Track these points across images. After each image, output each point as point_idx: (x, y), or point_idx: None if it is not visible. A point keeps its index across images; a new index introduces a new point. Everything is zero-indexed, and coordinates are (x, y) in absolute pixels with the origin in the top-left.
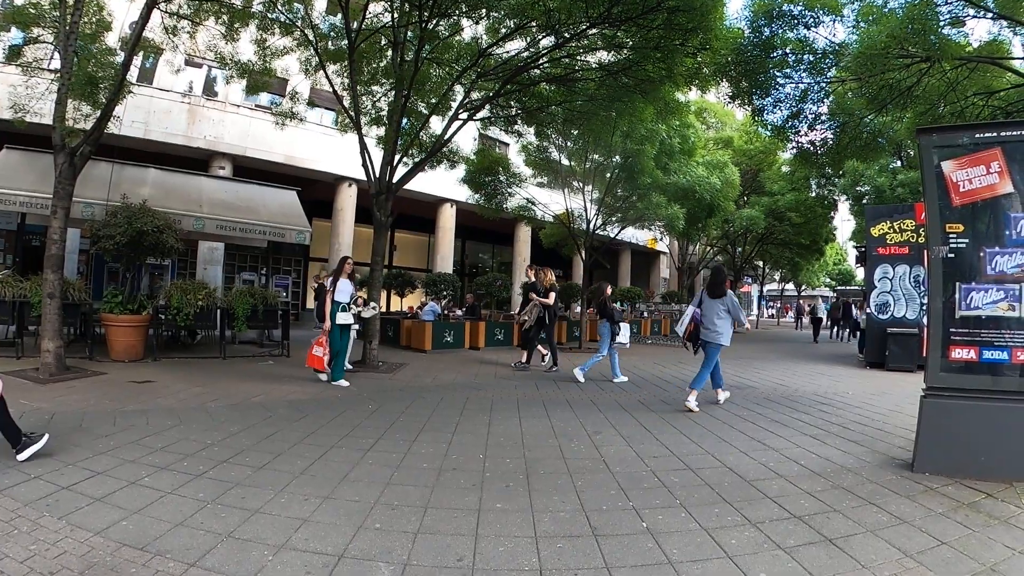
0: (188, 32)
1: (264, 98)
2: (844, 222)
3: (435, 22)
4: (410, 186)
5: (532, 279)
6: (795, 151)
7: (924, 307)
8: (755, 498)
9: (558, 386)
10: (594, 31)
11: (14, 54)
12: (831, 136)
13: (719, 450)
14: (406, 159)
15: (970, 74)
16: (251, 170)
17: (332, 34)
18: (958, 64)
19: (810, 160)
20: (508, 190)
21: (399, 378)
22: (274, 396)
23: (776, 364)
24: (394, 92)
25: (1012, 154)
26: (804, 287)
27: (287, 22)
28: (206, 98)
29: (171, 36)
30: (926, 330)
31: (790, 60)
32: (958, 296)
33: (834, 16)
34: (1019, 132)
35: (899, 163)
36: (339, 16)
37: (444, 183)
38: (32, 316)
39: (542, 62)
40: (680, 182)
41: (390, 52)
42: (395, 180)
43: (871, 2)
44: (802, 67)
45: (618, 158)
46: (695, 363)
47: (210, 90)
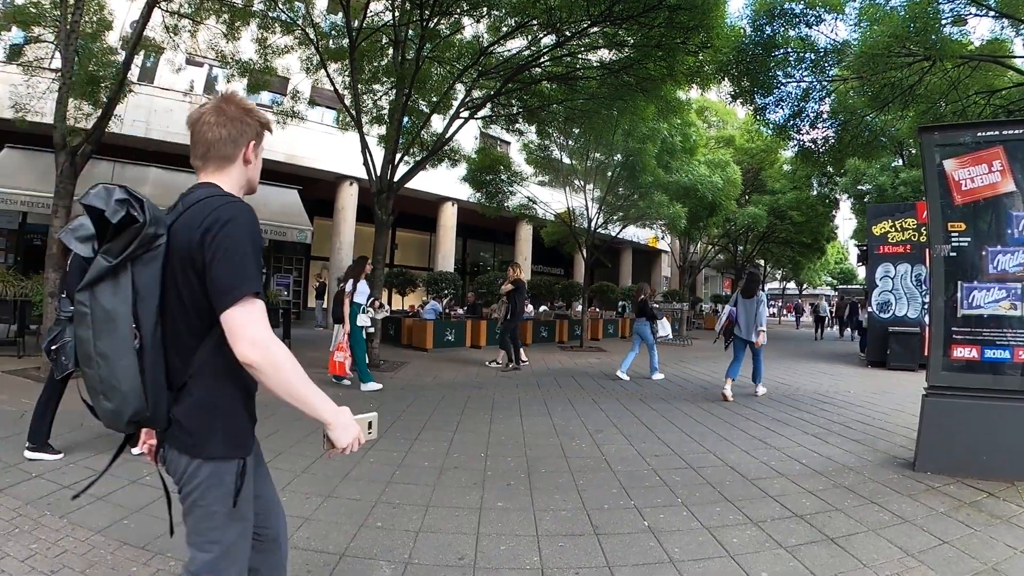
0: (189, 31)
1: (265, 97)
2: (845, 221)
3: (436, 21)
4: (411, 185)
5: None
6: (797, 150)
7: (926, 306)
8: (756, 497)
9: (559, 385)
10: (595, 29)
11: (15, 53)
12: (833, 135)
13: (720, 449)
14: (407, 158)
15: (972, 73)
16: None
17: (333, 33)
18: (960, 63)
19: (812, 159)
20: (509, 189)
21: (400, 377)
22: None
23: (777, 363)
24: (395, 91)
25: (1014, 153)
26: (805, 286)
27: (288, 21)
28: (207, 97)
29: (172, 35)
30: (928, 329)
31: (792, 59)
32: (960, 295)
33: (836, 14)
34: (1021, 131)
35: (901, 162)
36: (340, 15)
37: (445, 182)
38: (34, 315)
39: (543, 60)
40: (682, 180)
41: (391, 51)
42: (396, 179)
43: (873, 0)
44: (804, 66)
45: (619, 156)
46: (694, 363)
47: (211, 89)
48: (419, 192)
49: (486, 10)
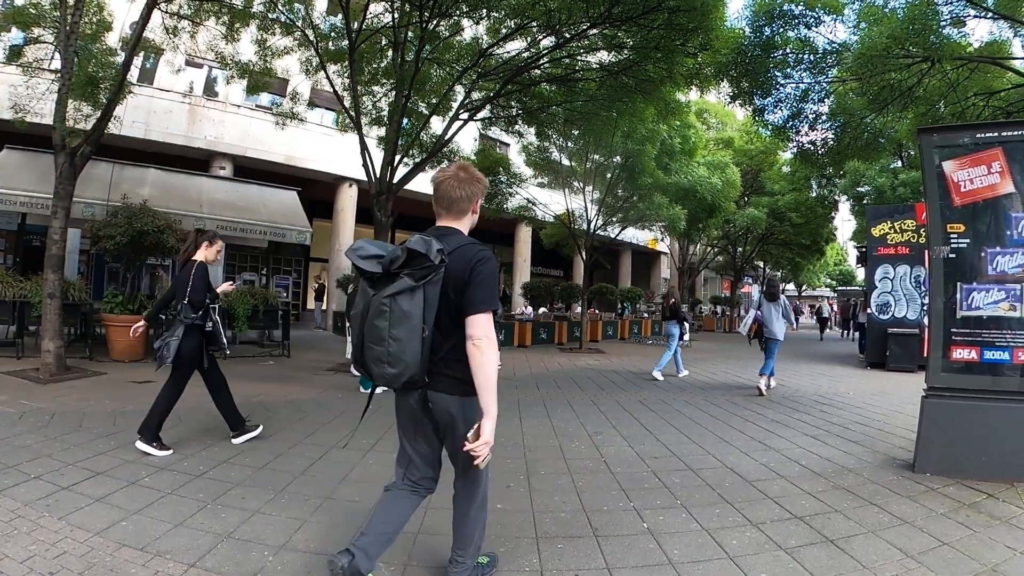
0: (189, 32)
1: (264, 98)
2: (845, 222)
3: (436, 22)
4: (411, 186)
5: None
6: (796, 151)
7: (925, 307)
8: (756, 499)
9: (558, 386)
10: (595, 31)
11: (15, 54)
12: (832, 136)
13: (720, 450)
14: (407, 159)
15: (971, 74)
16: (251, 170)
17: (332, 34)
18: (959, 64)
19: (811, 160)
20: (509, 190)
21: None
22: (274, 396)
23: (776, 364)
24: (394, 92)
25: (1013, 154)
26: (804, 287)
27: (288, 22)
28: (206, 98)
29: (171, 36)
30: (927, 330)
31: (791, 60)
32: (959, 296)
33: (835, 16)
34: (1020, 132)
35: (900, 163)
36: (339, 16)
37: None
38: (33, 316)
39: (543, 62)
40: (681, 182)
41: (391, 52)
42: (396, 180)
43: (872, 2)
44: (803, 67)
45: (619, 158)
46: (694, 364)
47: (210, 90)
48: (418, 194)
49: (485, 12)
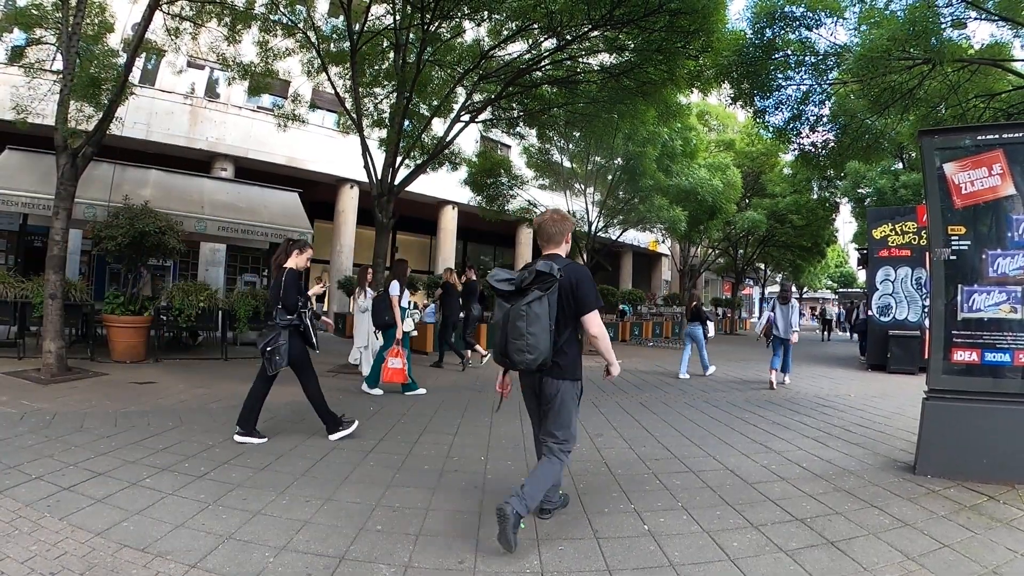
0: (190, 34)
1: (266, 100)
2: (846, 224)
3: (437, 24)
4: (412, 188)
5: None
6: (797, 153)
7: (926, 309)
8: (757, 500)
9: None
10: (596, 33)
11: (17, 55)
12: (833, 138)
13: (721, 452)
14: (408, 161)
15: (972, 76)
16: (253, 171)
17: (334, 36)
18: (960, 66)
19: (812, 162)
20: (510, 192)
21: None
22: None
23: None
24: (396, 94)
25: (1014, 156)
26: (806, 289)
27: (289, 24)
28: (208, 100)
29: (173, 38)
30: (928, 332)
31: (791, 62)
32: (960, 298)
33: (836, 18)
34: (1021, 134)
35: (901, 165)
36: (341, 18)
37: (446, 185)
38: (34, 317)
39: (544, 64)
40: (682, 184)
41: (392, 54)
42: (397, 182)
43: (872, 4)
44: (804, 69)
45: (620, 160)
46: (693, 364)
47: (212, 92)
48: (420, 195)
49: (487, 14)
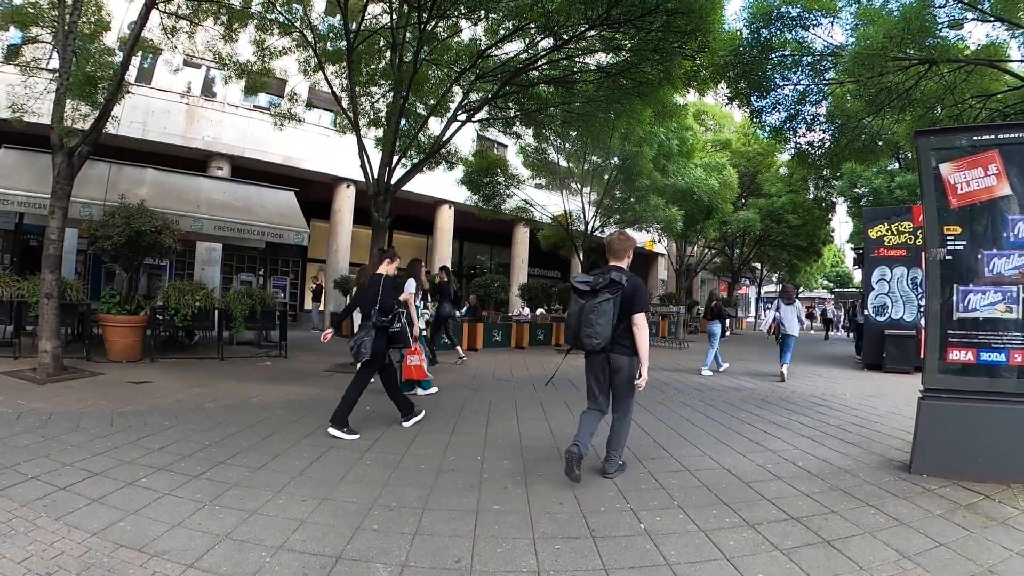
0: (187, 32)
1: (262, 99)
2: (842, 224)
3: (434, 23)
4: (408, 187)
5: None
6: (793, 153)
7: (922, 309)
8: (753, 500)
9: (555, 388)
10: (593, 33)
11: (13, 53)
12: (829, 138)
13: (717, 452)
14: (404, 160)
15: (968, 77)
16: (249, 171)
17: (331, 35)
18: (956, 67)
19: (808, 162)
20: (506, 191)
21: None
22: (272, 397)
23: (774, 365)
24: (393, 93)
25: (1010, 156)
26: (802, 289)
27: (286, 23)
28: (204, 98)
29: (170, 36)
30: (924, 332)
31: (788, 62)
32: (956, 298)
33: (832, 18)
34: (1017, 134)
35: (897, 165)
36: (338, 17)
37: (442, 184)
38: (30, 316)
39: (541, 64)
40: (678, 184)
41: (389, 53)
42: (393, 181)
43: (868, 4)
44: (800, 69)
45: (616, 160)
46: (691, 364)
47: (208, 91)
48: (416, 195)
49: (484, 13)
